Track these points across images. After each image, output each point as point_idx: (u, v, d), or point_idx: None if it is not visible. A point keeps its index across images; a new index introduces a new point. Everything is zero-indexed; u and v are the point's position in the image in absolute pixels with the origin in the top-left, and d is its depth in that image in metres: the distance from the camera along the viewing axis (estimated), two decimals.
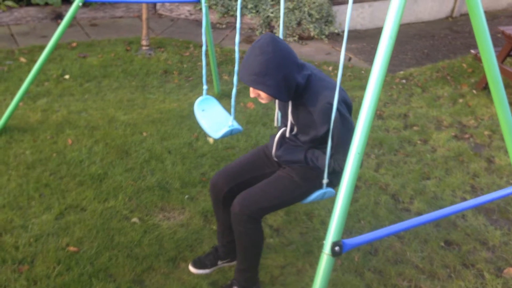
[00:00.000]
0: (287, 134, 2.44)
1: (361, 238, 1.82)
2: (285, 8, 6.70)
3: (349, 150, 2.19)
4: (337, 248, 1.70)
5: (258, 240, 2.44)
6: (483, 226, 3.27)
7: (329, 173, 2.34)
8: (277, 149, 2.48)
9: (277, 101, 2.45)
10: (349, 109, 2.27)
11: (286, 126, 2.47)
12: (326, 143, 2.26)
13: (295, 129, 2.39)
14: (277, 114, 2.60)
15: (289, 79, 2.13)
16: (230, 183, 2.50)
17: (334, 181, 2.44)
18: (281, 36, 2.48)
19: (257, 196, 2.34)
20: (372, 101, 1.67)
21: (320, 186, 2.40)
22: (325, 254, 1.71)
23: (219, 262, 2.73)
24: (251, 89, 2.20)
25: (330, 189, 2.44)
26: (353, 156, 1.69)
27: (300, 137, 2.39)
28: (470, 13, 1.88)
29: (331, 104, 2.13)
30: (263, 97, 2.21)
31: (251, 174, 2.53)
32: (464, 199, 3.54)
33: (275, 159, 2.51)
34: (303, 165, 2.42)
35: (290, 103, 2.30)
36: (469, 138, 4.42)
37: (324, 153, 2.33)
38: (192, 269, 2.70)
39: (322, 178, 2.36)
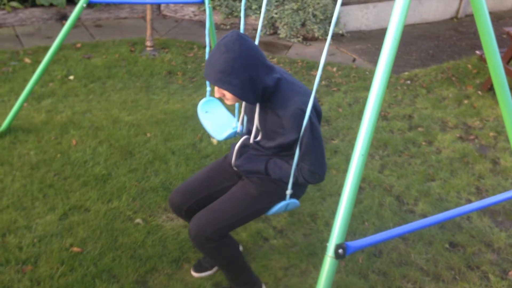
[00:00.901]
0: (251, 140, 2.32)
1: (365, 241, 1.81)
2: (289, 9, 6.69)
3: (316, 160, 2.14)
4: (340, 251, 1.69)
5: (228, 252, 2.35)
6: (488, 228, 3.25)
7: (293, 184, 2.24)
8: (237, 158, 2.38)
9: (243, 104, 2.35)
10: (319, 117, 2.18)
11: (248, 133, 2.37)
12: (290, 150, 2.18)
13: (260, 135, 2.27)
14: (242, 118, 2.48)
15: (255, 80, 2.01)
16: (189, 201, 2.41)
17: (298, 192, 2.34)
18: (258, 36, 2.40)
19: (213, 216, 2.25)
20: (376, 103, 1.66)
21: (282, 198, 2.30)
22: (329, 256, 1.70)
23: None
24: (216, 88, 2.08)
25: (293, 200, 2.32)
26: (357, 158, 1.68)
27: (264, 144, 2.27)
28: (475, 14, 1.86)
29: (303, 111, 2.04)
30: (228, 98, 2.09)
31: (209, 190, 2.43)
32: (469, 201, 3.52)
33: (235, 168, 2.43)
34: (262, 176, 2.32)
35: (257, 106, 2.19)
36: (474, 139, 4.40)
37: (287, 162, 2.24)
38: (194, 273, 2.69)
39: (283, 190, 2.26)
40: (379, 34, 7.28)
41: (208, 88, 2.99)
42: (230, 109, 2.90)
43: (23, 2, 6.47)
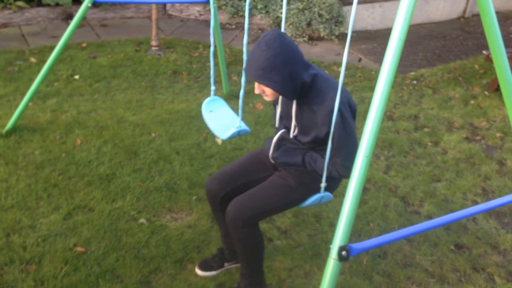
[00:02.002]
0: (289, 135, 2.39)
1: (369, 243, 1.79)
2: (295, 8, 6.67)
3: (350, 155, 2.15)
4: (344, 253, 1.67)
5: (257, 244, 2.40)
6: (494, 229, 3.22)
7: (327, 177, 2.30)
8: (274, 151, 2.43)
9: (280, 100, 2.41)
10: (353, 113, 2.23)
11: (285, 127, 2.43)
12: (325, 145, 2.23)
13: (296, 130, 2.35)
14: (277, 114, 2.54)
15: (295, 76, 2.09)
16: (225, 188, 2.46)
17: (332, 186, 2.39)
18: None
19: (251, 201, 2.30)
20: (381, 103, 1.65)
21: (317, 190, 2.35)
22: (332, 258, 1.69)
23: (226, 264, 2.71)
24: (256, 85, 2.16)
25: (327, 193, 2.38)
26: (361, 159, 1.67)
27: (301, 139, 2.35)
28: (481, 14, 1.84)
29: (339, 106, 2.10)
30: (268, 94, 2.17)
31: (245, 178, 2.49)
32: (475, 202, 3.49)
33: (272, 161, 2.47)
34: (299, 168, 2.38)
35: (294, 102, 2.27)
36: (481, 140, 4.37)
37: (323, 156, 2.29)
38: (198, 271, 2.68)
39: (319, 182, 2.31)
40: (385, 34, 7.25)
41: (213, 88, 2.99)
42: (234, 108, 2.89)
43: (29, 2, 6.50)
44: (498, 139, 4.37)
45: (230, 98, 4.66)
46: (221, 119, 2.80)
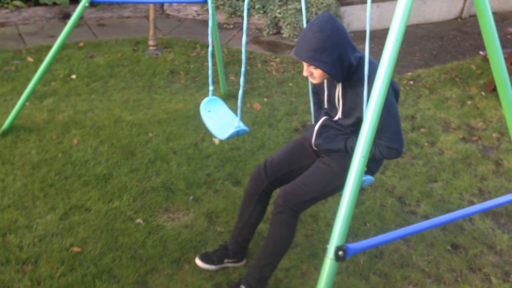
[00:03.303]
0: (329, 120, 2.44)
1: (365, 243, 1.80)
2: (292, 9, 6.67)
3: (394, 136, 2.25)
4: (340, 253, 1.68)
5: (290, 236, 2.46)
6: (491, 229, 3.23)
7: (368, 160, 2.32)
8: (316, 138, 2.48)
9: (325, 84, 2.44)
10: (396, 95, 2.30)
11: (326, 114, 2.48)
12: None
13: (339, 114, 2.39)
14: (313, 103, 2.63)
15: (344, 58, 2.15)
16: (271, 176, 2.55)
17: (373, 169, 2.46)
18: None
19: (299, 189, 2.38)
20: (378, 104, 1.65)
21: None
22: (329, 258, 1.69)
23: (226, 260, 2.72)
24: (305, 66, 2.22)
25: (369, 177, 2.44)
26: (358, 159, 1.67)
27: (343, 122, 2.40)
28: (478, 14, 1.85)
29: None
30: (316, 76, 2.23)
31: (290, 166, 2.57)
32: (472, 202, 3.50)
33: (315, 148, 2.53)
34: (342, 153, 2.43)
35: (339, 86, 2.31)
36: (477, 140, 4.38)
37: None
38: (198, 262, 2.69)
39: None
40: (383, 34, 7.23)
41: (211, 88, 2.98)
42: (232, 108, 2.89)
43: (26, 1, 6.48)
44: (495, 140, 4.38)
45: (228, 98, 4.66)
46: (220, 119, 2.80)
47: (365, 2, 7.20)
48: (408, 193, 3.54)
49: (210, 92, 2.98)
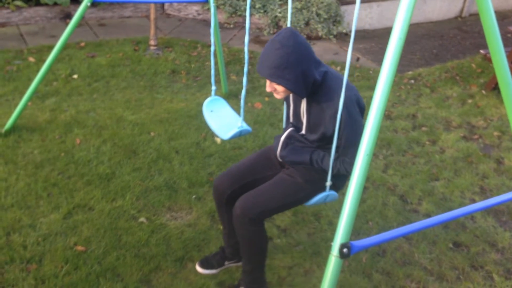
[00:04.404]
0: (297, 133, 2.41)
1: (370, 240, 1.80)
2: (293, 8, 6.68)
3: (357, 153, 2.18)
4: (345, 250, 1.68)
5: (261, 242, 2.42)
6: (492, 227, 3.24)
7: (333, 176, 2.31)
8: (282, 149, 2.45)
9: (291, 97, 2.41)
10: (361, 110, 2.24)
11: (292, 126, 2.45)
12: (332, 143, 2.24)
13: (304, 128, 2.36)
14: (290, 112, 2.55)
15: (307, 74, 2.11)
16: (233, 185, 2.48)
17: (338, 184, 2.41)
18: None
19: (259, 198, 2.32)
20: (381, 102, 1.66)
21: (323, 189, 2.37)
22: (333, 256, 1.70)
23: (226, 263, 2.73)
24: (267, 83, 2.18)
25: (333, 192, 2.39)
26: (362, 157, 1.68)
27: (308, 136, 2.36)
28: (480, 13, 1.86)
29: (345, 103, 2.11)
30: (279, 92, 2.19)
31: (253, 176, 2.51)
32: (473, 201, 3.51)
33: (280, 159, 2.49)
34: (307, 166, 2.39)
35: (304, 100, 2.28)
36: (478, 139, 4.39)
37: (330, 154, 2.30)
38: (199, 269, 2.69)
39: (325, 180, 2.33)
40: (383, 33, 7.27)
41: (213, 87, 2.99)
42: (236, 108, 2.90)
43: (27, 1, 6.49)
44: (496, 138, 4.39)
45: (229, 97, 4.67)
46: (222, 119, 2.81)
47: (365, 1, 7.22)
48: (410, 191, 3.56)
49: (213, 92, 2.99)
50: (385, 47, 1.69)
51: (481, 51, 5.54)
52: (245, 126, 2.62)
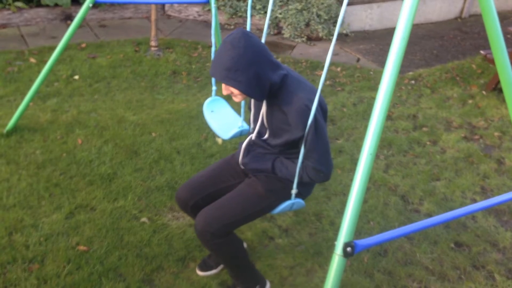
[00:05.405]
0: (258, 138, 2.33)
1: (373, 239, 1.81)
2: (293, 9, 6.69)
3: (321, 158, 2.13)
4: (349, 249, 1.69)
5: (232, 249, 2.35)
6: (494, 227, 3.25)
7: (298, 183, 2.25)
8: (244, 156, 2.38)
9: (252, 102, 2.35)
10: (324, 113, 2.18)
11: (256, 131, 2.36)
12: (297, 148, 2.18)
13: (267, 133, 2.28)
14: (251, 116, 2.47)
15: (261, 77, 2.02)
16: (194, 197, 2.42)
17: (303, 192, 2.35)
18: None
19: (220, 212, 2.25)
20: (384, 102, 1.67)
21: (287, 197, 2.31)
22: (337, 255, 1.71)
23: None
24: (223, 85, 2.10)
25: (299, 200, 2.33)
26: (365, 157, 1.69)
27: (271, 141, 2.28)
28: (483, 14, 1.87)
29: (308, 107, 2.04)
30: (236, 95, 2.10)
31: (216, 186, 2.44)
32: (474, 201, 3.52)
33: (242, 167, 2.42)
34: (269, 174, 2.32)
35: (264, 104, 2.20)
36: (479, 139, 4.40)
37: (293, 161, 2.24)
38: (199, 272, 2.69)
39: (289, 189, 2.27)
40: (383, 34, 7.28)
41: (214, 88, 3.00)
42: (236, 108, 2.91)
43: (28, 2, 6.49)
44: (496, 138, 4.40)
45: (229, 97, 4.67)
46: (223, 119, 2.82)
47: (366, 2, 7.24)
48: (411, 191, 3.56)
49: (213, 92, 3.00)
50: (385, 48, 1.70)
51: (481, 51, 5.55)
52: (246, 126, 2.62)
